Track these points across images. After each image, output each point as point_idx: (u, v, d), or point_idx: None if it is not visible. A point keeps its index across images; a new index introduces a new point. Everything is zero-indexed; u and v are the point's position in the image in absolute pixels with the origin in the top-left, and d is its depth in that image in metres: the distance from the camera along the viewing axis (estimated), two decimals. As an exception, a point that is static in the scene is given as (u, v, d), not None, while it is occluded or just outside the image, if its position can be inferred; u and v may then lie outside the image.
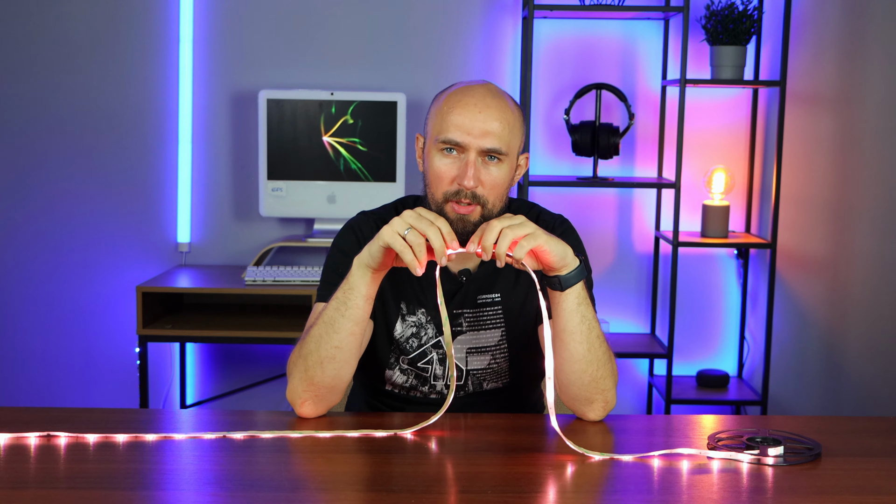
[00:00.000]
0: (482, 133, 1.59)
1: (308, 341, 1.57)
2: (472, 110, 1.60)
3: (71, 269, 3.34)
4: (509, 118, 1.63)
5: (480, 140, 1.59)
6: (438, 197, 1.63)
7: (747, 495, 1.31)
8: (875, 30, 2.75)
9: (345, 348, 1.56)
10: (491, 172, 1.61)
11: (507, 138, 1.62)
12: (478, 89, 1.64)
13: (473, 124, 1.59)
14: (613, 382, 1.58)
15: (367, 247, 1.52)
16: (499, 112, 1.61)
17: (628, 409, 3.39)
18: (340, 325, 1.54)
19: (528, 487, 1.32)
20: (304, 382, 1.56)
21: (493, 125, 1.60)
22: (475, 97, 1.62)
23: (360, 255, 1.53)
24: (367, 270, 1.53)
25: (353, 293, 1.54)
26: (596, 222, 3.33)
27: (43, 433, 1.49)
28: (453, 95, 1.64)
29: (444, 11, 3.27)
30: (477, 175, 1.60)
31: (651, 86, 3.28)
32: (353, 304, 1.54)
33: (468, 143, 1.60)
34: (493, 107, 1.61)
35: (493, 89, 1.65)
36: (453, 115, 1.61)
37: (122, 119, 3.29)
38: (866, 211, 2.75)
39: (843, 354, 2.88)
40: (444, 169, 1.62)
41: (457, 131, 1.60)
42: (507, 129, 1.61)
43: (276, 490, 1.30)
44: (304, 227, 3.33)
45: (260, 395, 3.37)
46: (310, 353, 1.56)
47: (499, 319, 1.73)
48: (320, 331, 1.55)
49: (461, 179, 1.59)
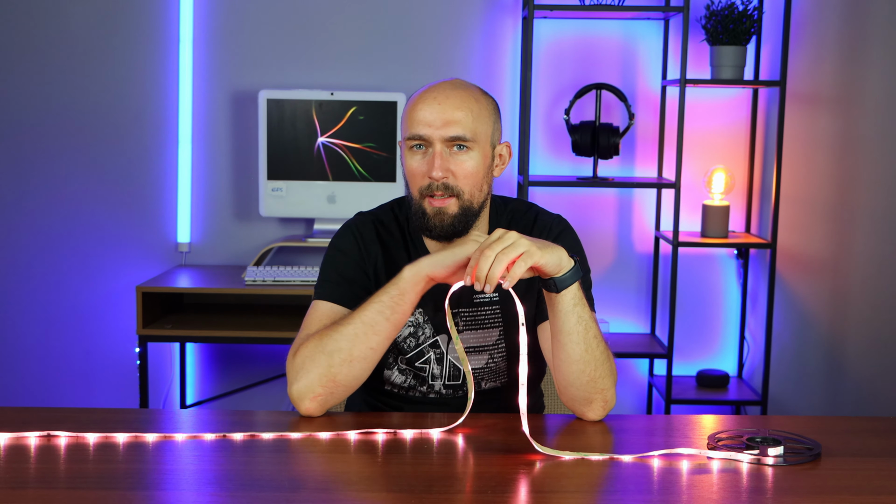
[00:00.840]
0: (443, 123, 1.60)
1: (337, 339, 1.55)
2: (431, 103, 1.62)
3: (71, 269, 3.34)
4: (472, 106, 1.63)
5: (442, 130, 1.60)
6: (416, 195, 1.64)
7: (747, 495, 1.31)
8: (875, 30, 2.75)
9: (378, 350, 1.57)
10: (460, 161, 1.62)
11: (472, 125, 1.62)
12: (440, 84, 1.65)
13: (434, 116, 1.61)
14: (612, 382, 1.58)
15: (438, 256, 1.53)
16: (459, 101, 1.62)
17: (628, 409, 3.39)
18: (382, 327, 1.55)
19: (528, 487, 1.33)
20: (325, 378, 1.55)
21: (455, 114, 1.61)
22: (436, 90, 1.64)
23: (421, 263, 1.54)
24: (423, 278, 1.54)
25: (403, 298, 1.55)
26: (596, 222, 3.33)
27: (43, 433, 1.49)
28: (418, 94, 1.66)
29: (444, 11, 3.26)
30: (445, 165, 1.61)
31: (651, 86, 3.28)
32: (400, 310, 1.55)
33: (431, 135, 1.61)
34: (453, 97, 1.62)
35: (457, 82, 1.66)
36: (416, 111, 1.63)
37: (122, 119, 3.29)
38: (866, 211, 2.75)
39: (843, 354, 2.88)
40: (415, 165, 1.63)
41: (419, 125, 1.61)
42: (470, 117, 1.62)
43: (276, 490, 1.30)
44: (304, 227, 3.33)
45: (260, 395, 3.37)
46: (339, 350, 1.55)
47: (496, 319, 1.73)
48: (356, 330, 1.55)
49: (429, 171, 1.61)
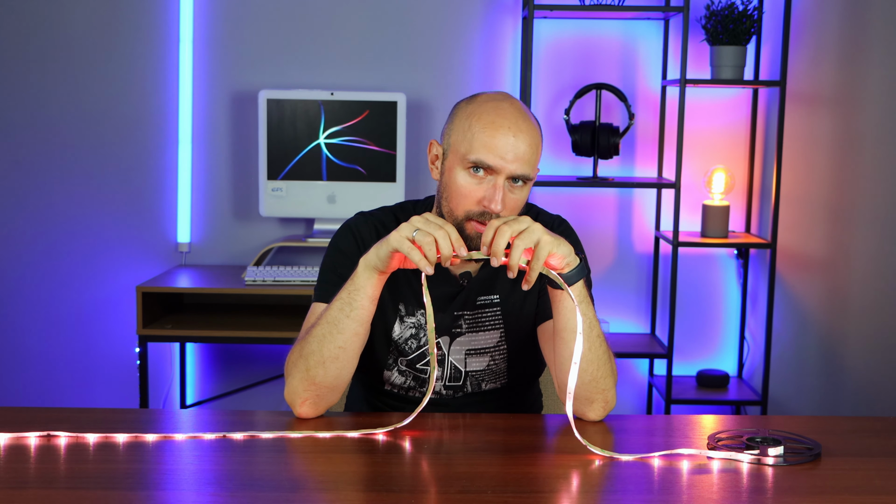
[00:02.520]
0: (514, 158, 1.56)
1: (310, 341, 1.56)
2: (505, 133, 1.57)
3: (71, 269, 3.34)
4: (537, 141, 1.61)
5: (512, 165, 1.56)
6: (459, 214, 1.60)
7: (747, 495, 1.31)
8: (875, 30, 2.75)
9: (348, 349, 1.56)
10: (515, 195, 1.60)
11: (534, 161, 1.61)
12: (508, 109, 1.59)
13: (507, 149, 1.56)
14: (613, 382, 1.58)
15: (375, 249, 1.52)
16: (529, 137, 1.59)
17: (628, 409, 3.39)
18: (345, 325, 1.54)
19: (528, 487, 1.33)
20: (305, 382, 1.56)
21: (527, 152, 1.57)
22: (508, 118, 1.58)
23: (367, 256, 1.53)
24: (373, 272, 1.53)
25: (358, 294, 1.54)
26: (596, 222, 3.33)
27: (43, 433, 1.49)
28: (484, 114, 1.59)
29: (444, 11, 3.26)
30: (504, 199, 1.58)
31: (651, 86, 3.28)
32: (358, 305, 1.54)
33: (500, 168, 1.57)
34: (524, 130, 1.58)
35: (520, 108, 1.61)
36: (485, 136, 1.57)
37: (122, 119, 3.29)
38: (866, 211, 2.75)
39: (843, 354, 2.88)
40: (470, 189, 1.58)
41: (489, 154, 1.56)
42: (534, 153, 1.60)
43: (276, 490, 1.30)
44: (304, 227, 3.33)
45: (260, 395, 3.37)
46: (312, 353, 1.55)
47: (498, 321, 1.73)
48: (323, 331, 1.55)
49: (489, 203, 1.57)
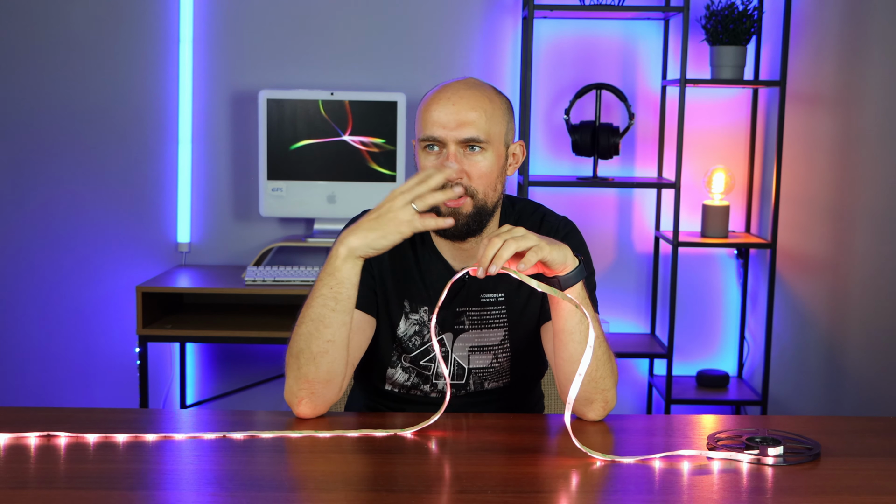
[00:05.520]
0: (458, 124, 1.60)
1: (297, 341, 1.57)
2: (445, 104, 1.61)
3: (71, 269, 3.34)
4: (486, 106, 1.62)
5: (457, 131, 1.60)
6: None
7: (747, 495, 1.31)
8: (875, 30, 2.75)
9: (337, 340, 1.56)
10: (475, 162, 1.61)
11: (486, 126, 1.61)
12: (454, 84, 1.65)
13: (448, 117, 1.60)
14: (613, 382, 1.58)
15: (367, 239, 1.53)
16: (473, 101, 1.62)
17: (628, 409, 3.39)
18: (332, 319, 1.55)
19: (529, 487, 1.32)
20: (300, 381, 1.56)
21: (469, 115, 1.60)
22: (449, 91, 1.63)
23: (353, 246, 1.53)
24: (358, 260, 1.54)
25: (343, 286, 1.55)
26: (596, 222, 3.33)
27: (43, 433, 1.49)
28: (431, 94, 1.65)
29: (444, 11, 3.26)
30: (461, 163, 1.60)
31: (651, 86, 3.28)
32: (344, 297, 1.55)
33: (445, 137, 1.60)
34: (466, 97, 1.62)
35: (470, 82, 1.66)
36: (430, 111, 1.62)
37: (122, 119, 3.29)
38: (866, 211, 2.75)
39: (843, 354, 2.88)
40: (429, 166, 1.62)
41: (433, 126, 1.61)
42: (484, 117, 1.61)
43: (276, 490, 1.30)
44: (304, 227, 3.33)
45: (260, 395, 3.37)
46: (301, 350, 1.56)
47: (502, 319, 1.73)
48: (309, 328, 1.56)
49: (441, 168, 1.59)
